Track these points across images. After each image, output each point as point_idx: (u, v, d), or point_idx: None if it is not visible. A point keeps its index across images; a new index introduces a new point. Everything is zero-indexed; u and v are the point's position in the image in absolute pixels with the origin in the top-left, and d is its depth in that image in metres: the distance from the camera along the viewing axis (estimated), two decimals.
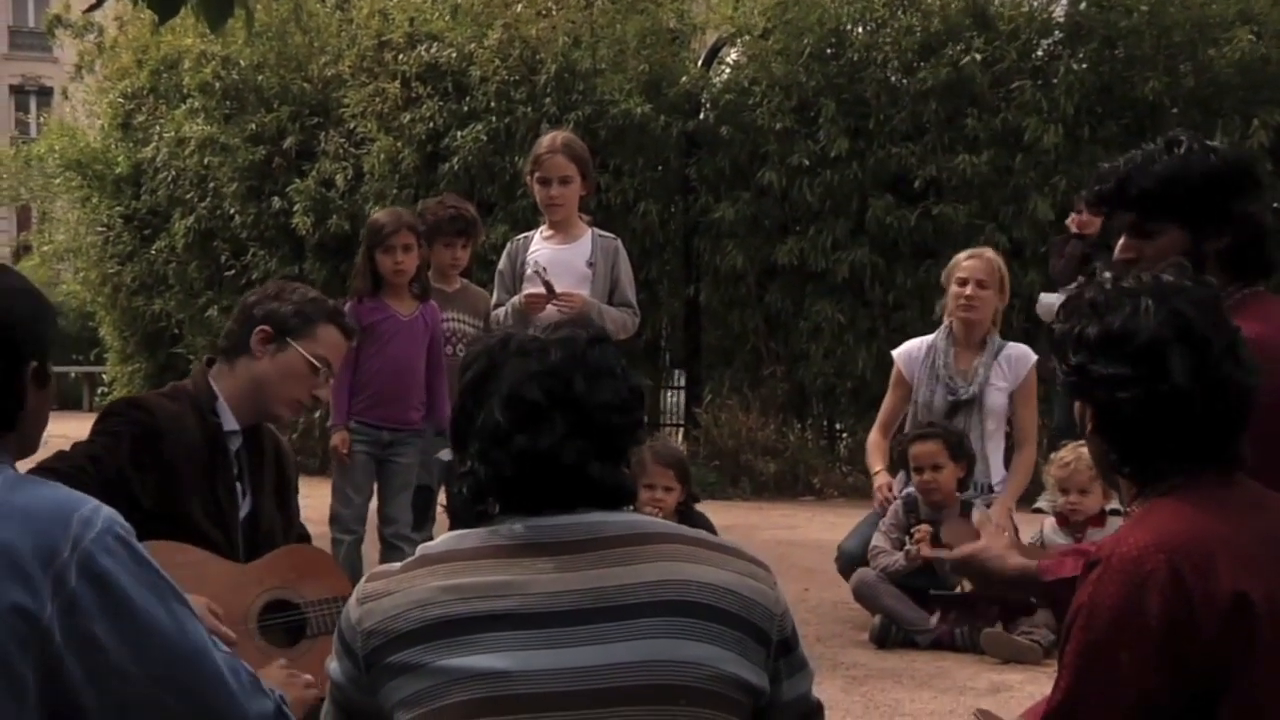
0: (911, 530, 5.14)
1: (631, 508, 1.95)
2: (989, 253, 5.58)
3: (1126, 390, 1.97)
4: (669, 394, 10.99)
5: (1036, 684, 4.39)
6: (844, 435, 10.01)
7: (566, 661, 1.73)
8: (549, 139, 5.28)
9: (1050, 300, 8.31)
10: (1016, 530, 4.94)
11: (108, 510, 1.81)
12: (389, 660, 1.77)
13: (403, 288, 5.14)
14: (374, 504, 5.26)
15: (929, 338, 5.59)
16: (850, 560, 5.37)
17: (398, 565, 1.86)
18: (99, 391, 16.03)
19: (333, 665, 1.88)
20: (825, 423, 10.24)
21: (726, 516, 5.60)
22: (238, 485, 3.12)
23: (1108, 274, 2.12)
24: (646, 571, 1.80)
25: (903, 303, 9.37)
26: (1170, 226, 2.54)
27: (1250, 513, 1.97)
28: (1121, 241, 2.60)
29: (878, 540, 5.25)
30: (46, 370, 1.89)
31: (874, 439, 5.68)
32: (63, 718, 1.74)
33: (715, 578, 1.82)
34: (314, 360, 3.14)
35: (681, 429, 10.31)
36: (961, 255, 5.57)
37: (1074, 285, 7.13)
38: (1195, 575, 1.83)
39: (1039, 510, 8.28)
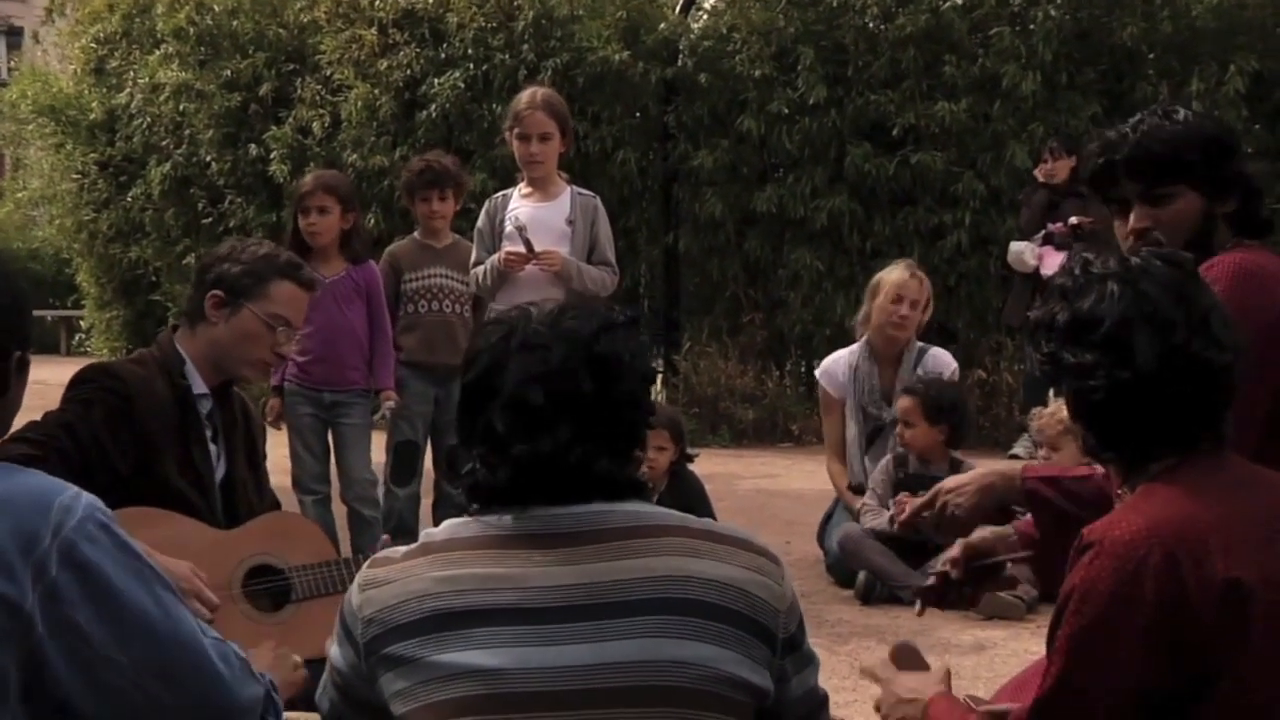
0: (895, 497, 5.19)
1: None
2: (919, 271, 5.66)
3: (1094, 377, 1.96)
4: (647, 341, 11.02)
5: (1019, 640, 4.44)
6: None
7: (561, 659, 1.71)
8: (528, 95, 5.24)
9: (1019, 248, 8.39)
10: None
11: (88, 497, 1.77)
12: (386, 651, 1.77)
13: (327, 250, 5.11)
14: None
15: (847, 354, 5.65)
16: (842, 565, 5.27)
17: (400, 551, 1.85)
18: (75, 338, 16.01)
19: (334, 650, 1.87)
20: (804, 370, 10.28)
21: (707, 465, 5.65)
22: (212, 447, 3.11)
23: (1083, 256, 2.11)
24: (648, 566, 1.75)
25: (881, 250, 9.38)
26: (1185, 190, 2.55)
27: (1241, 493, 1.96)
28: (1135, 211, 2.59)
29: (867, 498, 5.32)
30: (27, 359, 1.86)
31: (832, 468, 5.71)
32: (49, 712, 1.71)
33: (719, 573, 1.77)
34: (268, 320, 3.08)
35: (660, 376, 10.36)
36: (893, 272, 5.60)
37: (1039, 235, 7.20)
38: (1189, 561, 1.83)
39: (1015, 456, 8.40)
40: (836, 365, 5.68)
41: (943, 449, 5.24)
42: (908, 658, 2.32)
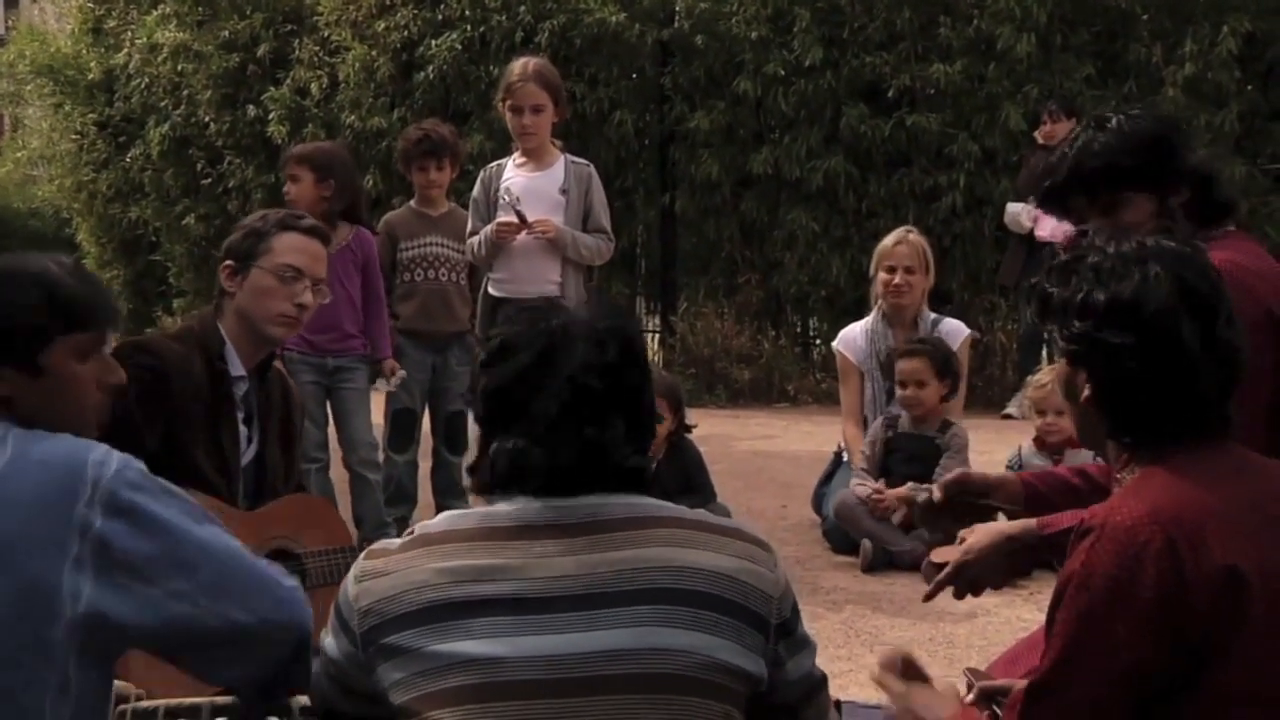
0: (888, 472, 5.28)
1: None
2: (913, 235, 5.66)
3: (1136, 359, 1.96)
4: (644, 301, 11.09)
5: (1012, 608, 4.45)
6: (818, 342, 10.16)
7: (559, 648, 1.75)
8: (520, 66, 5.26)
9: (1015, 209, 8.45)
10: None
11: (120, 454, 1.86)
12: (384, 641, 1.80)
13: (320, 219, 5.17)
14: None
15: (865, 322, 5.70)
16: (841, 531, 5.27)
17: (396, 543, 1.89)
18: None
19: (328, 641, 1.89)
20: (799, 330, 10.40)
21: (704, 426, 5.64)
22: (245, 429, 3.14)
23: (1102, 236, 2.14)
24: (643, 557, 1.80)
25: (876, 211, 9.46)
26: (1134, 194, 2.59)
27: (1239, 479, 1.97)
28: (1092, 224, 2.65)
29: (860, 463, 5.39)
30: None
31: (848, 433, 5.67)
32: (116, 650, 1.80)
33: (712, 563, 1.82)
34: (278, 272, 3.13)
35: (657, 336, 10.44)
36: (889, 240, 5.65)
37: (1030, 199, 7.18)
38: (1188, 547, 1.84)
39: (1008, 416, 8.49)
40: (854, 333, 5.72)
41: (940, 408, 5.31)
42: (908, 668, 2.32)
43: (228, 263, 3.15)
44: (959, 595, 2.63)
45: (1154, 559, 1.83)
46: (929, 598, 2.72)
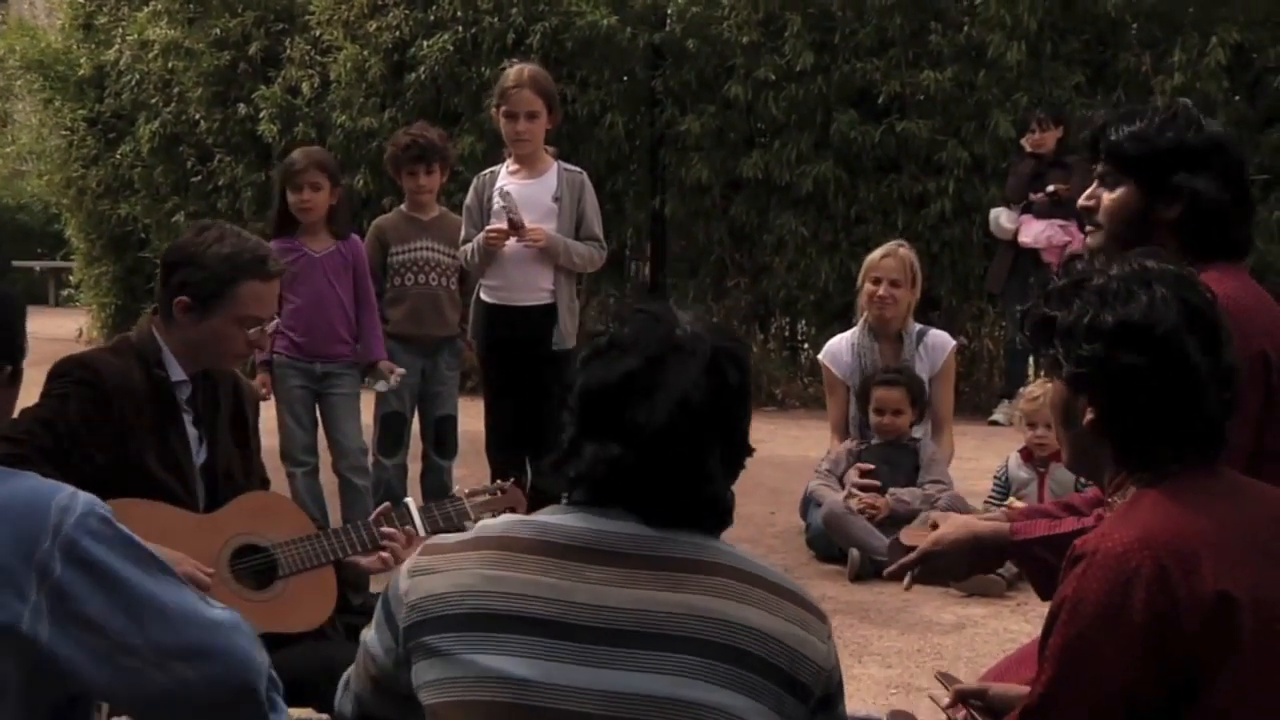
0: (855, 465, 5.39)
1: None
2: (902, 250, 5.72)
3: (1146, 380, 1.96)
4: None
5: (1000, 619, 4.51)
6: (806, 346, 10.19)
7: (591, 682, 1.71)
8: (515, 72, 5.30)
9: (997, 214, 8.54)
10: None
11: (85, 495, 1.83)
12: (424, 639, 1.79)
13: (316, 225, 5.21)
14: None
15: (850, 335, 5.75)
16: (825, 538, 5.36)
17: (453, 540, 1.86)
18: (64, 293, 16.04)
19: (370, 634, 1.89)
20: (788, 334, 10.43)
21: None
22: (195, 431, 3.12)
23: (1099, 260, 2.13)
24: (695, 604, 1.74)
25: (865, 216, 9.50)
26: (1127, 183, 2.59)
27: (1231, 503, 1.98)
28: (1091, 188, 2.66)
29: (825, 469, 5.49)
30: (19, 371, 1.93)
31: (835, 447, 5.73)
32: (62, 702, 1.78)
33: (764, 623, 1.76)
34: (239, 323, 3.06)
35: None
36: (877, 253, 5.71)
37: (1022, 204, 7.31)
38: (1180, 573, 1.84)
39: (995, 422, 8.54)
40: (840, 346, 5.78)
41: (908, 431, 5.49)
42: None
43: (182, 298, 3.03)
44: (917, 580, 2.65)
45: (1145, 585, 1.84)
46: (890, 575, 2.72)
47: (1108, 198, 2.61)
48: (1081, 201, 2.68)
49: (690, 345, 1.81)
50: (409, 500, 3.19)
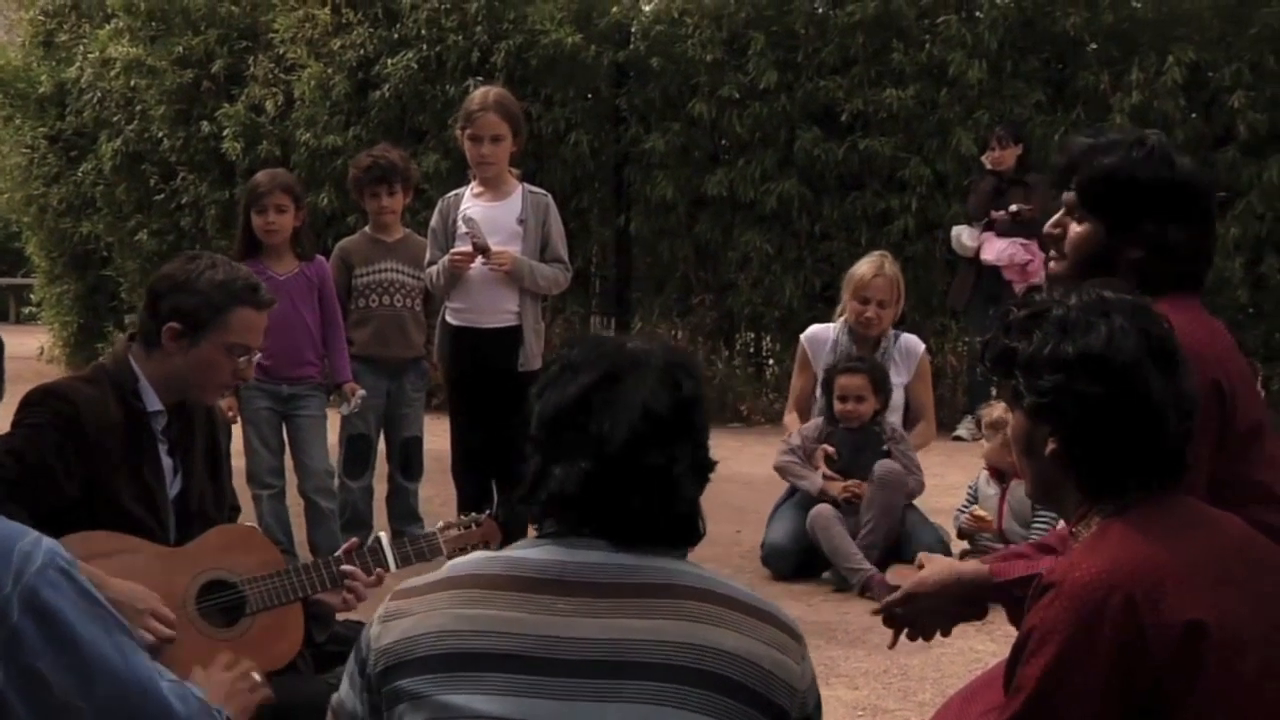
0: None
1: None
2: (889, 266, 5.73)
3: (1107, 410, 1.97)
4: (598, 320, 11.13)
5: (966, 639, 4.44)
6: (771, 363, 10.24)
7: (566, 715, 1.71)
8: (480, 95, 5.30)
9: (959, 231, 8.64)
10: None
11: (49, 542, 1.80)
12: (399, 684, 1.77)
13: (280, 248, 5.22)
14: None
15: (834, 330, 5.80)
16: (779, 555, 5.42)
17: (423, 581, 1.85)
18: (25, 310, 15.93)
19: (343, 688, 1.87)
20: (753, 350, 10.48)
21: None
22: (169, 461, 3.09)
23: (1057, 290, 2.13)
24: (667, 630, 1.74)
25: (829, 233, 9.57)
26: (1093, 219, 2.58)
27: (1194, 532, 1.99)
28: (1059, 215, 2.65)
29: (793, 453, 5.54)
30: None
31: (788, 418, 5.87)
32: None
33: (738, 646, 1.75)
34: (228, 349, 3.05)
35: None
36: (866, 269, 5.68)
37: (983, 222, 7.32)
38: (1147, 605, 1.86)
39: (959, 438, 8.60)
40: (824, 335, 5.83)
41: (873, 417, 5.55)
42: None
43: (173, 324, 3.01)
44: (903, 626, 2.66)
45: (1112, 617, 1.86)
46: (878, 613, 2.73)
47: (1074, 230, 2.61)
48: (1048, 228, 2.68)
49: (643, 358, 1.84)
50: (382, 534, 3.16)
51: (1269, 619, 1.95)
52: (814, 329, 5.94)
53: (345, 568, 3.06)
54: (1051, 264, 2.71)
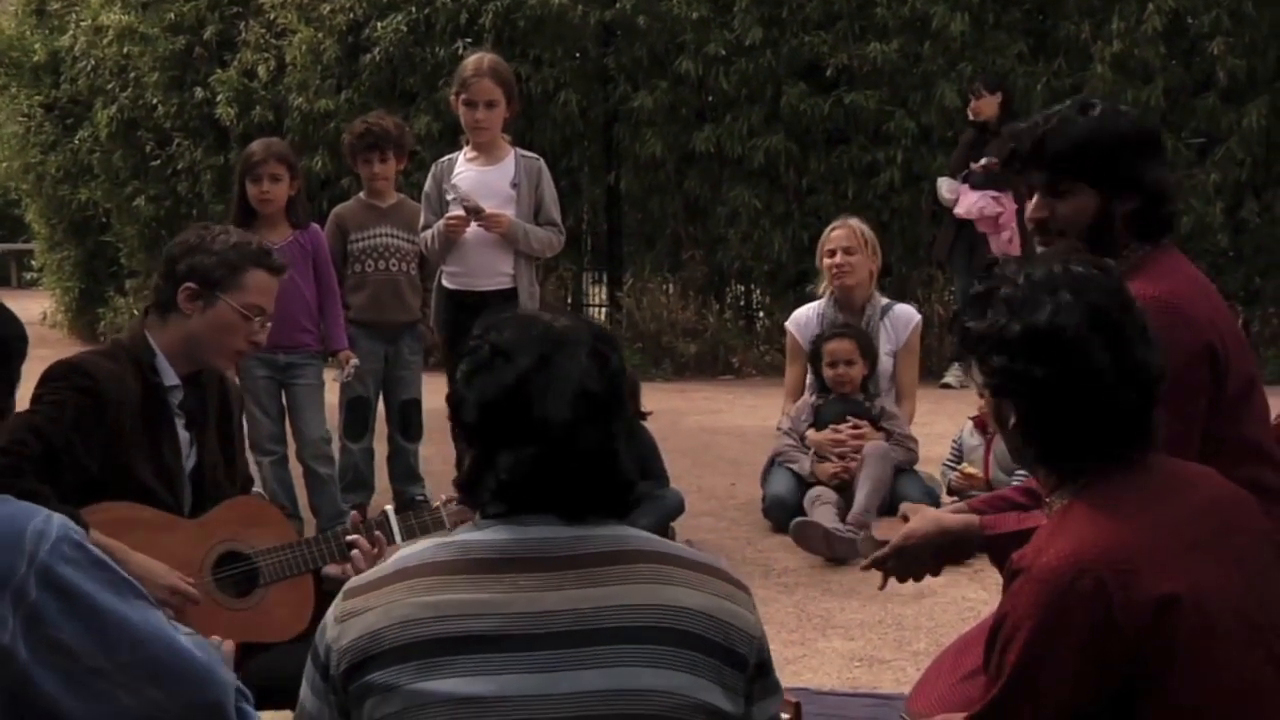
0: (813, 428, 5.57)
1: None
2: (853, 221, 5.86)
3: (1053, 387, 1.98)
4: (590, 276, 11.29)
5: (958, 588, 4.55)
6: (761, 315, 10.41)
7: (544, 687, 1.73)
8: (474, 61, 5.35)
9: (940, 183, 8.73)
10: None
11: (59, 518, 1.85)
12: (364, 680, 1.76)
13: (275, 217, 5.25)
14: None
15: (818, 305, 5.87)
16: (780, 507, 5.45)
17: (371, 576, 1.85)
18: (25, 276, 16.05)
19: (304, 691, 1.86)
20: (743, 304, 10.65)
21: (651, 400, 5.70)
22: (186, 435, 3.10)
23: (1012, 268, 2.12)
24: (626, 594, 1.78)
25: (816, 187, 9.71)
26: (1083, 187, 2.59)
27: (1163, 502, 1.99)
28: (1035, 200, 2.65)
29: (786, 435, 5.66)
30: (8, 409, 2.00)
31: (788, 410, 5.83)
32: None
33: (694, 601, 1.80)
34: (245, 311, 3.07)
35: (605, 310, 10.65)
36: (830, 228, 5.85)
37: (962, 174, 7.41)
38: (1117, 584, 1.85)
39: (947, 385, 8.77)
40: (808, 315, 5.89)
41: (863, 385, 5.63)
42: None
43: (190, 285, 3.04)
44: (892, 576, 2.70)
45: (1081, 598, 1.86)
46: (867, 568, 2.76)
47: (1063, 207, 2.61)
48: (1031, 214, 2.67)
49: (572, 335, 1.85)
50: (389, 509, 3.21)
51: (1242, 578, 1.97)
52: (798, 312, 6.01)
53: (350, 538, 3.10)
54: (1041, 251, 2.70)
